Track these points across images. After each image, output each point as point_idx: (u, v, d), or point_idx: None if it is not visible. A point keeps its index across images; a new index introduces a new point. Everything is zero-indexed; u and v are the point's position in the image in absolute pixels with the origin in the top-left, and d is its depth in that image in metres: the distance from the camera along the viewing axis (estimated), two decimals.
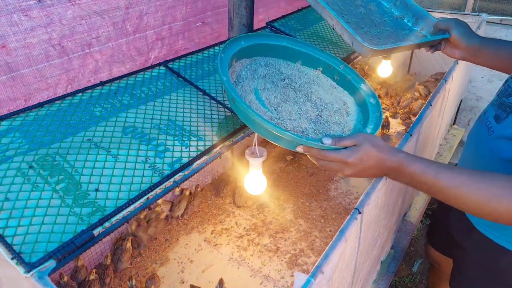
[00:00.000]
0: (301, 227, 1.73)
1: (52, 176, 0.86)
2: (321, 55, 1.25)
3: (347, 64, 1.24)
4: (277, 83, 1.13)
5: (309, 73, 1.24)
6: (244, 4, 1.42)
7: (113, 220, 0.81)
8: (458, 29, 1.24)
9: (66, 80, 1.30)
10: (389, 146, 0.89)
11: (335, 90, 1.22)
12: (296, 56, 1.24)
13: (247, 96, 1.04)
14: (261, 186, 1.46)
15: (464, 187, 0.81)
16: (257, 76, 1.12)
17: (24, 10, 1.13)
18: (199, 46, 1.79)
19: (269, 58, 1.21)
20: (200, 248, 1.62)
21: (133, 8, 1.43)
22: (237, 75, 1.09)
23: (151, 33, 1.55)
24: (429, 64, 2.93)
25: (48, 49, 1.22)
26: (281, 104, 1.06)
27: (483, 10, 2.88)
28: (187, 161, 0.98)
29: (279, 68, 1.19)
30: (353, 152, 0.87)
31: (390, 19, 1.49)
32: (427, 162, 0.86)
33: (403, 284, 2.44)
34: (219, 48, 1.51)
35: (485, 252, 1.18)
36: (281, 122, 1.01)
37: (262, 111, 1.01)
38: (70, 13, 1.24)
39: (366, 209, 0.98)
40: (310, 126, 1.03)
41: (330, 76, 1.26)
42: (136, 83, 1.22)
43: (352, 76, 1.22)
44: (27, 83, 1.20)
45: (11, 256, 0.70)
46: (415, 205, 2.20)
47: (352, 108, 1.17)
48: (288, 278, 1.50)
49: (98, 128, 1.01)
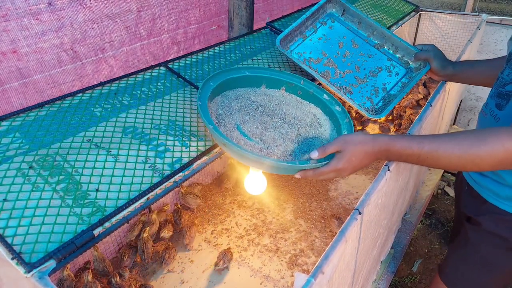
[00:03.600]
0: (301, 227, 1.73)
1: (53, 176, 0.86)
2: (280, 75, 1.33)
3: (306, 79, 1.33)
4: (253, 113, 1.19)
5: (275, 95, 1.31)
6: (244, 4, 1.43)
7: (113, 220, 0.81)
8: (435, 61, 1.44)
9: (80, 86, 1.28)
10: (371, 136, 0.96)
11: (301, 104, 1.31)
12: (259, 81, 1.32)
13: (231, 134, 1.08)
14: (261, 186, 1.46)
15: (444, 145, 0.90)
16: (233, 111, 1.17)
17: (35, 14, 1.11)
18: None
19: (236, 90, 1.27)
20: (200, 248, 1.62)
21: (145, 11, 1.41)
22: (216, 115, 1.14)
23: (166, 37, 1.53)
24: None
25: (60, 54, 1.21)
26: (264, 133, 1.12)
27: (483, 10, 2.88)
28: (187, 161, 0.98)
29: (249, 97, 1.26)
30: (340, 159, 0.95)
31: (374, 53, 1.62)
32: (410, 137, 0.94)
33: (403, 284, 2.45)
34: (219, 48, 1.51)
35: (500, 223, 1.23)
36: (270, 150, 1.06)
37: (250, 145, 1.06)
38: (81, 16, 1.23)
39: (366, 209, 0.99)
40: (295, 146, 1.10)
41: (293, 92, 1.34)
42: (136, 84, 1.22)
43: (314, 89, 1.31)
44: (40, 90, 1.18)
45: (11, 256, 0.70)
46: (415, 205, 2.20)
47: (321, 118, 1.27)
48: (288, 278, 1.50)
49: (98, 128, 1.01)
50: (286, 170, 1.01)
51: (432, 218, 2.99)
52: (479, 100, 3.15)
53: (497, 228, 1.24)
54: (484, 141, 0.86)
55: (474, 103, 3.18)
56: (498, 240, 1.25)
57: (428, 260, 2.63)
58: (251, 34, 1.65)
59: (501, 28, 2.82)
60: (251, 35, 1.65)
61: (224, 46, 1.53)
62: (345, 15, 1.66)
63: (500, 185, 1.20)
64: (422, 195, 2.29)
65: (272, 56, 1.55)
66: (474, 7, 2.91)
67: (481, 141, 0.87)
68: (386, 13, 2.27)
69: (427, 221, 2.95)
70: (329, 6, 1.65)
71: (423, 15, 2.71)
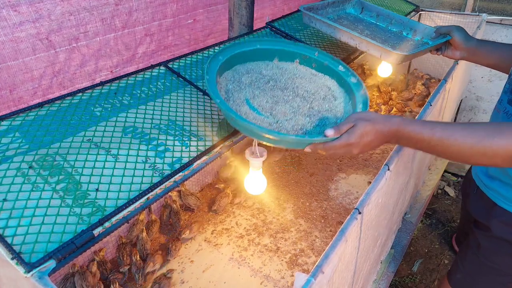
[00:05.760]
0: (301, 227, 1.73)
1: (52, 176, 0.86)
2: (294, 48, 1.28)
3: (321, 50, 1.28)
4: (264, 88, 1.15)
5: (288, 68, 1.27)
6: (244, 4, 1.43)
7: (113, 220, 0.81)
8: (458, 33, 1.41)
9: (52, 73, 1.32)
10: (383, 116, 0.94)
11: (315, 77, 1.26)
12: (271, 54, 1.27)
13: (240, 109, 1.06)
14: (261, 186, 1.46)
15: (457, 133, 0.86)
16: (243, 86, 1.14)
17: (13, 5, 1.15)
18: (189, 42, 1.79)
19: (247, 63, 1.24)
20: (200, 248, 1.62)
21: (123, 4, 1.44)
22: (225, 90, 1.11)
23: (140, 29, 1.55)
24: (429, 64, 2.93)
25: (36, 42, 1.24)
26: (274, 107, 1.09)
27: (483, 10, 2.88)
28: (187, 161, 0.98)
29: (260, 71, 1.22)
30: (351, 134, 0.92)
31: (392, 35, 1.66)
32: (422, 121, 0.92)
33: (403, 284, 2.44)
34: (219, 48, 1.51)
35: (510, 228, 1.22)
36: (279, 125, 1.03)
37: (259, 119, 1.03)
38: (59, 9, 1.26)
39: (366, 209, 0.98)
40: (306, 121, 1.06)
41: (308, 65, 1.29)
42: (136, 83, 1.22)
43: (329, 60, 1.26)
44: (13, 75, 1.23)
45: (11, 256, 0.70)
46: (415, 205, 2.20)
47: (336, 90, 1.21)
48: (288, 278, 1.50)
49: (98, 128, 1.01)
50: (295, 144, 0.98)
51: (432, 218, 2.99)
52: (479, 100, 3.15)
53: (507, 234, 1.22)
54: (500, 134, 0.82)
55: (474, 103, 3.18)
56: (508, 246, 1.24)
57: (429, 260, 2.63)
58: (251, 34, 1.65)
59: (501, 28, 2.82)
60: (251, 35, 1.65)
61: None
62: (364, 12, 1.72)
63: (510, 188, 1.18)
64: (422, 195, 2.29)
65: None
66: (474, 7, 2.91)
67: (497, 133, 0.83)
68: None
69: (427, 221, 2.95)
70: (348, 6, 1.74)
71: (424, 15, 2.71)
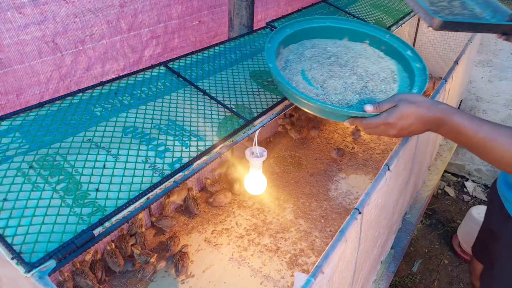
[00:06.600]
0: (301, 227, 1.73)
1: (53, 176, 0.86)
2: (366, 28, 1.28)
3: (392, 33, 1.26)
4: (323, 62, 1.16)
5: (356, 48, 1.26)
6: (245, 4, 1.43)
7: (114, 220, 0.81)
8: None
9: (58, 76, 1.32)
10: (430, 100, 0.90)
11: (382, 60, 1.24)
12: (341, 33, 1.28)
13: (294, 78, 1.09)
14: (261, 186, 1.46)
15: (504, 137, 0.82)
16: (304, 58, 1.16)
17: (18, 7, 1.14)
18: (195, 45, 1.79)
19: (315, 40, 1.26)
20: (200, 248, 1.62)
21: (128, 6, 1.44)
22: (285, 60, 1.15)
23: (146, 31, 1.56)
24: (429, 64, 2.93)
25: (41, 46, 1.24)
26: (327, 81, 1.10)
27: None
28: (187, 161, 0.98)
29: (325, 47, 1.22)
30: (391, 113, 0.90)
31: (469, 12, 1.52)
32: (469, 115, 0.87)
33: (403, 284, 2.44)
34: (219, 48, 1.51)
35: None
36: (326, 97, 1.06)
37: (308, 89, 1.07)
38: (64, 10, 1.25)
39: (366, 209, 0.98)
40: (355, 97, 1.06)
41: (377, 47, 1.28)
42: (136, 83, 1.22)
43: (398, 44, 1.25)
44: (19, 79, 1.22)
45: (11, 256, 0.70)
46: (415, 205, 2.20)
47: (399, 75, 1.19)
48: (288, 278, 1.50)
49: (99, 128, 1.01)
50: (333, 114, 0.99)
51: (432, 218, 2.99)
52: (479, 100, 3.15)
53: None
54: None
55: (474, 103, 3.18)
56: None
57: (428, 260, 2.63)
58: (251, 34, 1.65)
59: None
60: (251, 35, 1.65)
61: (224, 46, 1.53)
62: None
63: None
64: (422, 195, 2.29)
65: None
66: None
67: None
68: (386, 13, 2.27)
69: (427, 221, 2.95)
70: None
71: None
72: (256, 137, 1.27)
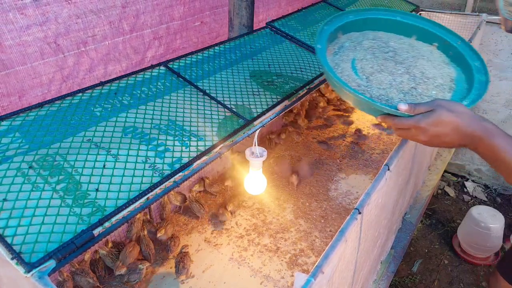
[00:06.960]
0: (301, 227, 1.73)
1: (52, 176, 0.86)
2: (436, 29, 1.23)
3: (464, 39, 1.20)
4: (378, 55, 1.12)
5: (421, 48, 1.19)
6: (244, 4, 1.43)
7: (113, 220, 0.81)
8: None
9: (61, 78, 1.32)
10: (473, 114, 0.83)
11: (445, 66, 1.16)
12: (410, 30, 1.23)
13: (342, 64, 1.08)
14: (261, 186, 1.46)
15: None
16: (360, 48, 1.14)
17: (20, 8, 1.14)
18: (197, 45, 1.79)
19: (380, 32, 1.22)
20: (200, 248, 1.62)
21: (130, 7, 1.44)
22: (339, 46, 1.14)
23: (148, 32, 1.55)
24: None
25: (43, 47, 1.23)
26: (375, 74, 1.05)
27: (483, 10, 2.87)
28: (187, 161, 0.98)
29: (387, 41, 1.17)
30: (425, 117, 0.83)
31: None
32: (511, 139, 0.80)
33: (403, 284, 2.44)
34: (219, 48, 1.51)
35: None
36: (367, 89, 1.01)
37: (352, 78, 1.04)
38: (66, 11, 1.25)
39: (366, 209, 0.98)
40: (399, 96, 1.00)
41: (445, 52, 1.22)
42: (136, 83, 1.22)
43: (468, 52, 1.17)
44: (21, 80, 1.22)
45: (11, 256, 0.70)
46: (415, 205, 2.20)
47: (458, 85, 1.11)
48: (288, 278, 1.50)
49: (98, 128, 1.01)
50: (365, 107, 0.96)
51: (432, 218, 2.99)
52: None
53: None
54: None
55: None
56: None
57: (428, 260, 2.63)
58: (251, 34, 1.65)
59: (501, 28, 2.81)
60: (251, 35, 1.65)
61: (224, 46, 1.53)
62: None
63: None
64: (422, 195, 2.29)
65: (273, 56, 1.54)
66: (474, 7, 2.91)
67: None
68: None
69: (427, 221, 2.95)
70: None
71: (424, 15, 2.70)
72: (256, 137, 1.27)
